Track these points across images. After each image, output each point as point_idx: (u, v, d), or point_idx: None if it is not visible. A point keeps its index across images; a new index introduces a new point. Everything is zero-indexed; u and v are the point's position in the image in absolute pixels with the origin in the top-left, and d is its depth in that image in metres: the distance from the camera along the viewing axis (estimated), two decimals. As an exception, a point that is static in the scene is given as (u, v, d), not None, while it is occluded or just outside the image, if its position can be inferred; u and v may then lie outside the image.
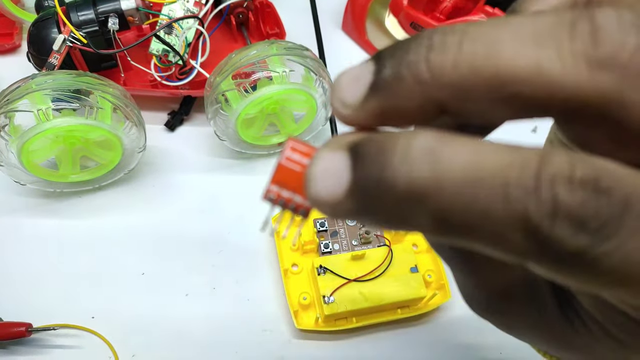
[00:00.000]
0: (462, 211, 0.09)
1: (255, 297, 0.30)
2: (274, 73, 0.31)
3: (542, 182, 0.09)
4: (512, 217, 0.09)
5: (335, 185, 0.10)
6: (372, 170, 0.10)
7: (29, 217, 0.32)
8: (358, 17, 0.41)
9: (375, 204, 0.10)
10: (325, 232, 0.31)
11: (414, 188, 0.09)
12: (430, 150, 0.09)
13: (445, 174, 0.09)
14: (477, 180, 0.09)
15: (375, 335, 0.29)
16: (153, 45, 0.33)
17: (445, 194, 0.09)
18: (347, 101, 0.11)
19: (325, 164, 0.11)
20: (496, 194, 0.09)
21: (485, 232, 0.09)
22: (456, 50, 0.10)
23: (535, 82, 0.09)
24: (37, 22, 0.33)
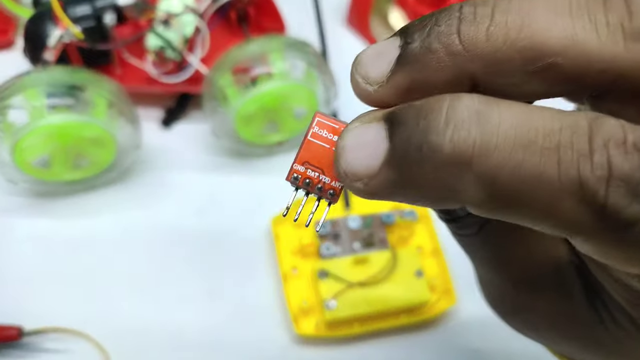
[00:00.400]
0: (513, 175, 0.09)
1: (254, 301, 0.29)
2: (274, 69, 0.30)
3: (596, 145, 0.09)
4: (566, 181, 0.09)
5: (370, 156, 0.10)
6: (413, 134, 0.09)
7: (20, 217, 0.31)
8: (362, 11, 0.40)
9: (418, 172, 0.09)
10: (326, 235, 0.30)
11: (462, 151, 0.09)
12: (477, 111, 0.09)
13: (495, 135, 0.09)
14: (529, 142, 0.09)
15: (379, 341, 0.29)
16: (150, 41, 0.32)
17: (496, 157, 0.09)
18: (372, 76, 0.11)
19: (358, 135, 0.10)
20: (549, 157, 0.09)
21: (537, 199, 0.09)
22: (489, 21, 0.10)
23: (571, 53, 0.09)
24: (33, 17, 0.32)
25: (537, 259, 0.14)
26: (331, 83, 0.32)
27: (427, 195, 0.10)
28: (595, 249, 0.10)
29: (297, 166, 0.12)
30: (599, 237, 0.09)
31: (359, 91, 0.11)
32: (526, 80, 0.10)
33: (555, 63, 0.09)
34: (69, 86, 0.28)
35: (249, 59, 0.30)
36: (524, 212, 0.09)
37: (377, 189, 0.10)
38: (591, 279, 0.14)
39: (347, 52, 0.40)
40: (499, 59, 0.10)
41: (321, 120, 0.11)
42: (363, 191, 0.10)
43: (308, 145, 0.11)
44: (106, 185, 0.32)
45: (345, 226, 0.30)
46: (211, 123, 0.32)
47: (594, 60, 0.09)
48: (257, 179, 0.33)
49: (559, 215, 0.09)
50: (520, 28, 0.09)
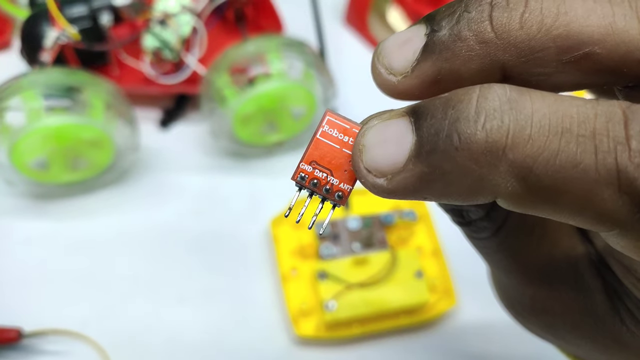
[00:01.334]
0: (548, 165, 0.08)
1: (253, 302, 0.29)
2: (272, 69, 0.30)
3: (632, 132, 0.08)
4: (604, 170, 0.08)
5: (396, 151, 0.09)
6: (442, 124, 0.09)
7: (19, 218, 0.31)
8: (361, 10, 0.39)
9: (448, 164, 0.09)
10: (325, 236, 0.30)
11: (495, 140, 0.08)
12: (510, 99, 0.09)
13: (529, 123, 0.08)
14: (564, 131, 0.08)
15: (378, 342, 0.28)
16: (147, 41, 0.32)
17: (530, 146, 0.08)
18: (396, 66, 0.10)
19: (381, 131, 0.10)
20: (585, 145, 0.08)
21: (573, 190, 0.08)
22: (523, 7, 0.09)
23: (610, 42, 0.09)
24: (30, 18, 0.32)
25: (554, 260, 0.14)
26: (329, 83, 0.32)
27: (457, 190, 0.09)
28: (631, 244, 0.09)
29: (304, 165, 0.11)
30: (637, 230, 0.09)
31: (381, 82, 0.11)
32: (560, 70, 0.09)
33: (593, 52, 0.09)
34: (66, 88, 0.28)
35: (246, 59, 0.30)
36: (560, 204, 0.09)
37: (402, 184, 0.09)
38: (612, 278, 0.13)
39: (346, 52, 0.40)
40: (533, 48, 0.09)
41: (332, 119, 0.11)
42: (386, 189, 0.10)
43: (317, 144, 0.11)
44: (104, 187, 0.32)
45: (344, 227, 0.30)
46: (209, 124, 0.32)
47: (634, 50, 0.09)
48: (256, 180, 0.33)
49: (596, 206, 0.08)
50: (557, 15, 0.09)
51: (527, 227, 0.14)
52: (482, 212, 0.13)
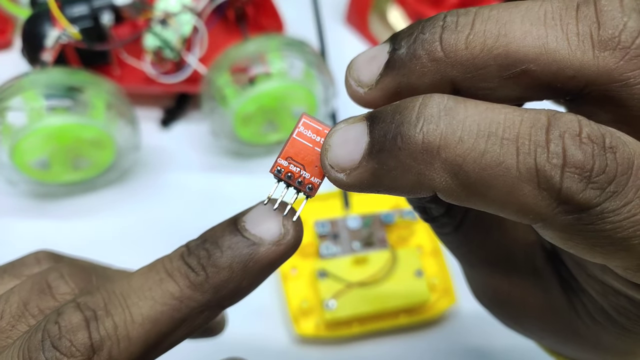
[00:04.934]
0: (476, 164, 0.10)
1: (254, 301, 0.29)
2: (273, 68, 0.30)
3: (552, 136, 0.09)
4: (524, 169, 0.09)
5: (353, 150, 0.11)
6: (389, 127, 0.10)
7: (20, 218, 0.31)
8: (361, 10, 0.39)
9: (393, 160, 0.10)
10: (326, 235, 0.30)
11: (430, 141, 0.10)
12: (446, 107, 0.10)
13: (460, 127, 0.10)
14: (490, 134, 0.10)
15: (378, 341, 0.28)
16: (148, 41, 0.32)
17: (460, 147, 0.10)
18: (363, 80, 0.12)
19: (343, 133, 0.11)
20: (508, 147, 0.10)
21: (499, 185, 0.10)
22: (469, 30, 0.10)
23: (543, 60, 0.10)
24: (31, 18, 0.32)
25: (513, 255, 0.15)
26: (330, 82, 0.32)
27: (402, 184, 0.10)
28: (557, 236, 0.10)
29: (281, 160, 0.12)
30: (557, 222, 0.10)
31: (351, 93, 0.12)
32: (503, 85, 0.11)
33: (529, 69, 0.10)
34: (67, 87, 0.28)
35: (247, 59, 0.30)
36: (488, 198, 0.10)
37: (358, 179, 0.11)
38: (566, 273, 0.14)
39: (346, 51, 0.40)
40: (477, 65, 0.10)
41: (307, 121, 0.12)
42: (345, 182, 0.11)
43: (293, 143, 0.12)
44: (105, 187, 0.32)
45: (344, 226, 0.30)
46: (210, 123, 0.32)
47: (564, 67, 0.10)
48: (257, 179, 0.33)
49: (519, 200, 0.10)
50: (497, 37, 0.10)
51: (486, 224, 0.15)
52: (443, 209, 0.14)
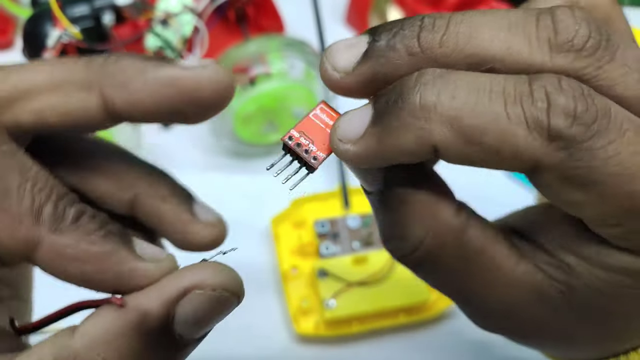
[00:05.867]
0: (470, 114, 0.11)
1: (254, 300, 0.29)
2: (273, 69, 0.30)
3: (535, 87, 0.11)
4: (513, 115, 0.11)
5: (359, 123, 0.12)
6: (391, 95, 0.12)
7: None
8: (361, 10, 0.40)
9: (395, 121, 0.12)
10: (326, 234, 0.30)
11: (428, 98, 0.11)
12: (440, 74, 0.12)
13: (453, 86, 0.11)
14: (479, 89, 0.11)
15: (378, 340, 0.29)
16: (149, 41, 0.32)
17: (454, 101, 0.11)
18: (340, 65, 0.12)
19: (351, 114, 0.12)
20: (497, 97, 0.11)
21: (491, 130, 0.11)
22: (443, 30, 0.12)
23: (508, 60, 0.12)
24: (32, 18, 0.32)
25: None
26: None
27: (405, 143, 0.12)
28: (551, 180, 0.11)
29: (294, 132, 0.13)
30: (551, 163, 0.11)
31: (326, 77, 0.13)
32: None
33: (494, 68, 0.12)
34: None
35: (247, 59, 0.30)
36: (485, 145, 0.11)
37: (364, 146, 0.12)
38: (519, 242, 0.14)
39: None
40: (449, 63, 0.12)
41: (324, 107, 0.14)
42: (353, 152, 0.12)
43: (308, 121, 0.13)
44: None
45: (344, 226, 0.30)
46: (210, 123, 0.32)
47: (526, 67, 0.12)
48: (257, 179, 0.33)
49: (513, 143, 0.11)
50: (468, 39, 0.12)
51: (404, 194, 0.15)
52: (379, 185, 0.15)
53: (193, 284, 0.12)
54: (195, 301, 0.12)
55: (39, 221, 0.11)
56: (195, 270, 0.12)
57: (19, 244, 0.11)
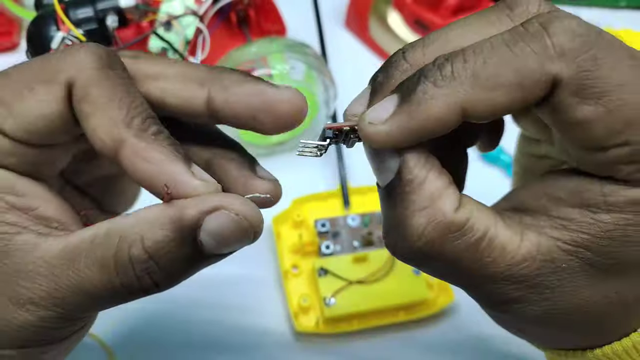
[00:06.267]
0: (486, 66, 0.13)
1: (255, 298, 0.30)
2: (275, 70, 0.30)
3: (528, 25, 0.13)
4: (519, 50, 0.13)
5: (388, 105, 0.14)
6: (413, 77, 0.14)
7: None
8: (361, 13, 0.40)
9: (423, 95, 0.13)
10: (326, 234, 0.30)
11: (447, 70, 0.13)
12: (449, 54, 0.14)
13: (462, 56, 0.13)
14: (485, 50, 0.13)
15: (377, 338, 0.29)
16: (152, 43, 0.33)
17: (469, 64, 0.13)
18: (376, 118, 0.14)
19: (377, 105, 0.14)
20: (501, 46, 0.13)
21: (507, 71, 0.13)
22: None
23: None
24: (36, 20, 0.33)
25: None
26: (331, 84, 0.32)
27: (436, 113, 0.13)
28: (566, 97, 0.13)
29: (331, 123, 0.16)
30: (566, 73, 0.12)
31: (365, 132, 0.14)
32: None
33: None
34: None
35: (249, 61, 0.31)
36: (506, 85, 0.13)
37: (396, 125, 0.13)
38: None
39: (346, 54, 0.40)
40: None
41: None
42: (384, 132, 0.14)
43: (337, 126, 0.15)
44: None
45: (344, 225, 0.31)
46: (212, 124, 0.33)
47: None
48: (258, 179, 0.34)
49: (530, 71, 0.13)
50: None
51: None
52: None
53: (224, 204, 0.14)
54: (220, 218, 0.14)
55: (128, 127, 0.14)
56: (229, 196, 0.14)
57: (112, 140, 0.14)
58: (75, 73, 0.15)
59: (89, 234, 0.14)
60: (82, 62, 0.15)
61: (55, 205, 0.16)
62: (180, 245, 0.14)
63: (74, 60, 0.15)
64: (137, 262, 0.14)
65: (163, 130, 0.15)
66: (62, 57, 0.15)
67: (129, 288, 0.14)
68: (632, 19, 0.45)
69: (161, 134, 0.15)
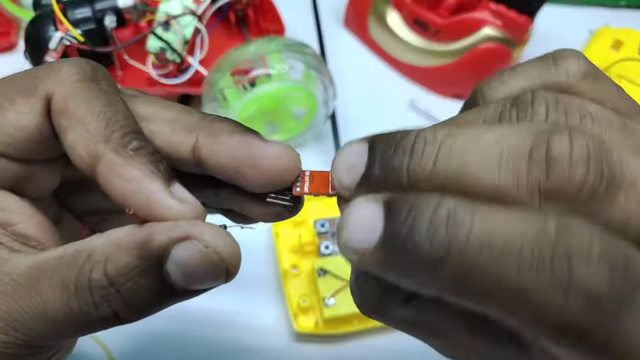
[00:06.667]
0: (479, 276, 0.10)
1: (254, 298, 0.30)
2: (273, 70, 0.30)
3: (556, 255, 0.09)
4: (520, 287, 0.09)
5: (366, 239, 0.11)
6: (401, 229, 0.11)
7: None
8: (360, 13, 0.40)
9: (401, 260, 0.11)
10: (325, 234, 0.30)
11: (436, 252, 0.10)
12: (453, 218, 0.10)
13: (463, 241, 0.10)
14: (492, 248, 0.10)
15: (377, 338, 0.29)
16: (150, 43, 0.32)
17: (464, 259, 0.10)
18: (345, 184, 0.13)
19: (360, 214, 0.11)
20: (510, 262, 0.10)
21: (503, 299, 0.10)
22: (431, 164, 0.11)
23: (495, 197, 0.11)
24: (35, 20, 0.33)
25: None
26: (330, 84, 0.32)
27: (409, 280, 0.11)
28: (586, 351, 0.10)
29: (307, 171, 0.15)
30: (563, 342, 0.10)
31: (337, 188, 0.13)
32: None
33: None
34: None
35: (248, 60, 0.30)
36: (491, 307, 0.10)
37: (367, 265, 0.11)
38: None
39: (345, 54, 0.40)
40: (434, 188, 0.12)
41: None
42: (356, 264, 0.11)
43: (324, 174, 0.14)
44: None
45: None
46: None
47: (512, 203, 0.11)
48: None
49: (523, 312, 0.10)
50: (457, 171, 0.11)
51: None
52: None
53: (193, 233, 0.13)
54: (188, 249, 0.13)
55: (107, 142, 0.14)
56: (203, 225, 0.13)
57: (89, 156, 0.14)
58: (54, 86, 0.14)
59: (57, 253, 0.13)
60: (63, 75, 0.14)
61: (37, 223, 0.15)
62: (144, 274, 0.13)
63: (55, 73, 0.14)
64: (95, 287, 0.13)
65: (145, 145, 0.14)
66: (45, 71, 0.15)
67: (87, 315, 0.13)
68: (632, 18, 0.45)
69: (142, 150, 0.14)
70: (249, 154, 0.14)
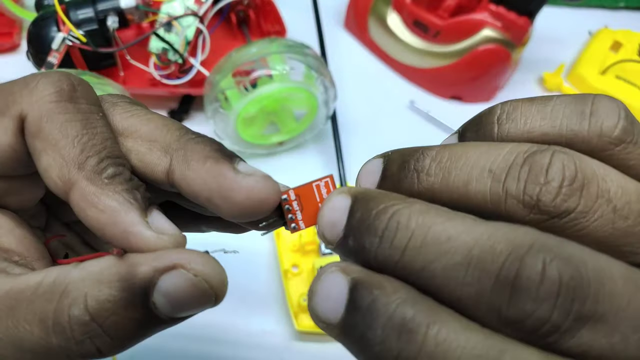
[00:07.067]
0: None
1: (255, 297, 0.30)
2: (274, 71, 0.30)
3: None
4: None
5: (332, 310, 0.12)
6: (359, 322, 0.11)
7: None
8: (360, 14, 0.40)
9: (357, 346, 0.11)
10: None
11: (386, 357, 0.11)
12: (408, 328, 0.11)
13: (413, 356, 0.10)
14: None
15: (377, 337, 0.29)
16: (152, 44, 0.33)
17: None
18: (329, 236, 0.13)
19: (329, 286, 0.12)
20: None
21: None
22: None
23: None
24: (37, 20, 0.33)
25: None
26: (330, 84, 0.32)
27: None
28: None
29: (292, 194, 0.14)
30: None
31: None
32: None
33: None
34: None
35: (249, 62, 0.31)
36: None
37: (333, 335, 0.12)
38: None
39: (346, 55, 0.41)
40: None
41: (329, 182, 0.14)
42: (325, 331, 0.12)
43: (309, 188, 0.14)
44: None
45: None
46: (213, 124, 0.33)
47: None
48: (258, 179, 0.34)
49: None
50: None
51: None
52: None
53: (181, 262, 0.12)
54: (175, 278, 0.12)
55: (80, 168, 0.13)
56: (189, 253, 0.13)
57: (62, 181, 0.13)
58: (28, 106, 0.13)
59: (36, 280, 0.13)
60: (39, 93, 0.13)
61: (18, 237, 0.14)
62: (129, 307, 0.12)
63: (29, 91, 0.13)
64: (76, 324, 0.12)
65: (122, 172, 0.13)
66: (20, 87, 0.14)
67: (67, 351, 0.12)
68: (632, 19, 0.45)
69: (118, 177, 0.13)
70: (219, 184, 0.13)
